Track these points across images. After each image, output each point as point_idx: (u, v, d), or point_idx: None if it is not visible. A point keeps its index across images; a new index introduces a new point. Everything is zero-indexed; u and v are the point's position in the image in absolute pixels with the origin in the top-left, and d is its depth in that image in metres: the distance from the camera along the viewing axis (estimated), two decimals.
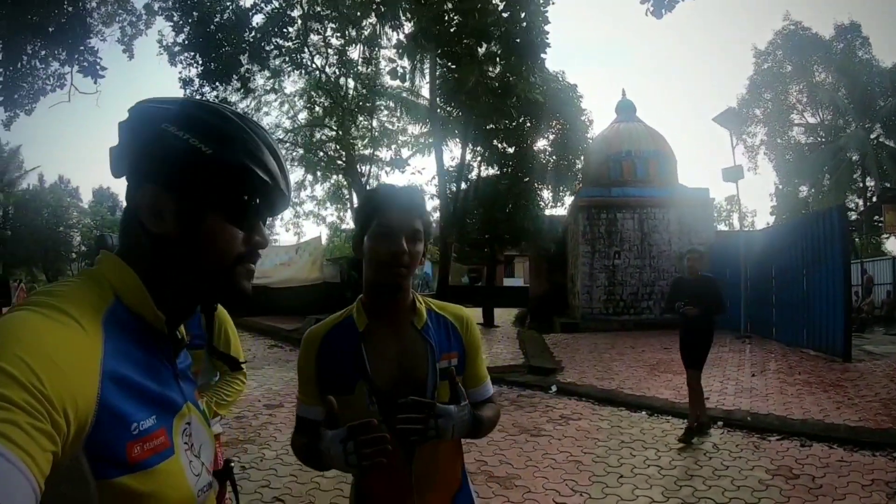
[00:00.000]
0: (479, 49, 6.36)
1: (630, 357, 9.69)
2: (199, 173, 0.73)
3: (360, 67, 7.40)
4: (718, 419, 5.62)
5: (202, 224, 0.75)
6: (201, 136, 0.73)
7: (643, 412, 6.23)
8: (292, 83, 15.55)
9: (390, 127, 24.41)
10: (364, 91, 14.40)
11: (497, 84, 7.23)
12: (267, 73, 12.73)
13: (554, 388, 7.63)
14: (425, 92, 19.24)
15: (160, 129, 0.72)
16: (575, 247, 15.60)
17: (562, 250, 17.40)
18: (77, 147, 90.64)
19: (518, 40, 5.86)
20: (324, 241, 21.24)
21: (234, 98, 20.82)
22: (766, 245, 11.73)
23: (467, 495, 1.47)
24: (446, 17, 6.24)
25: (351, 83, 13.37)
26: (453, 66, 6.44)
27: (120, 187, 0.85)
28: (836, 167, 25.00)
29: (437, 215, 20.00)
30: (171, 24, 8.82)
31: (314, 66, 9.55)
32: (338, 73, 7.98)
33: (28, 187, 41.66)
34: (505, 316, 18.06)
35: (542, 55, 6.23)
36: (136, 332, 0.72)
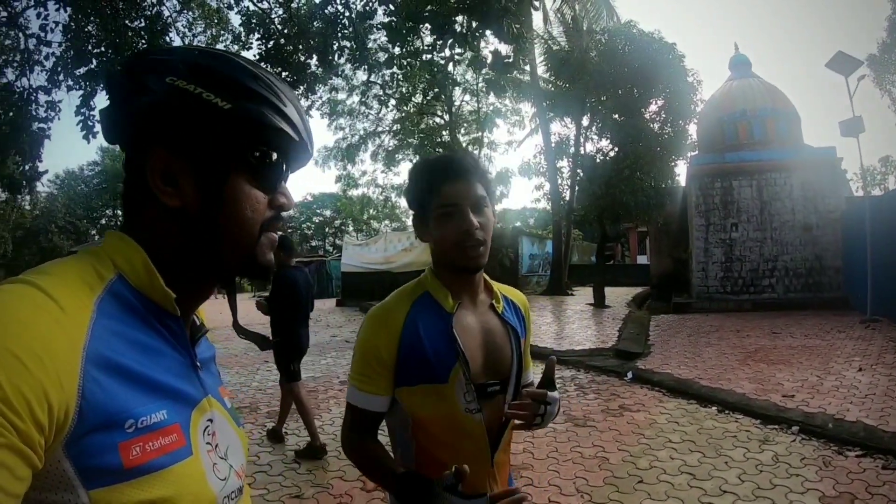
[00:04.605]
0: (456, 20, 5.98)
1: (729, 342, 8.72)
2: (217, 131, 0.64)
3: (427, 56, 7.27)
4: (795, 423, 4.87)
5: (225, 190, 0.66)
6: (216, 89, 0.63)
7: (714, 407, 5.57)
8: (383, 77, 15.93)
9: (501, 108, 24.07)
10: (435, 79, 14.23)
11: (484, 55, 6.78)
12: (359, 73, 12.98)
13: (630, 375, 7.12)
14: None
15: (166, 83, 0.63)
16: (690, 220, 14.40)
17: (684, 224, 15.98)
18: None
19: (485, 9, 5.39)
20: None
21: (341, 95, 22.07)
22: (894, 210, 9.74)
23: (510, 477, 1.40)
24: None
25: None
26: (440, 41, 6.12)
27: None
28: None
29: (545, 190, 19.59)
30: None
31: (377, 61, 9.66)
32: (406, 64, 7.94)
33: None
34: (624, 296, 17.18)
35: (510, 20, 5.63)
36: (143, 315, 0.62)
